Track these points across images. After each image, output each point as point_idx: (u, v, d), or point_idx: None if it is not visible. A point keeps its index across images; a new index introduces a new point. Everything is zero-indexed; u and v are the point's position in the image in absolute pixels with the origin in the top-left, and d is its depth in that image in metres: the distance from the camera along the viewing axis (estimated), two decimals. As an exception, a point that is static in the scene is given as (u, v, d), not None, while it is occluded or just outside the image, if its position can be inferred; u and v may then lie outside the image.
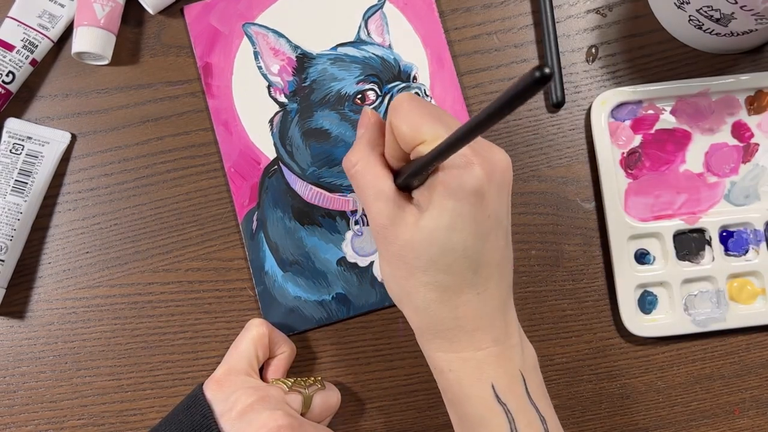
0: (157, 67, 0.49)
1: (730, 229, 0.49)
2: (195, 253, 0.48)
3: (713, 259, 0.49)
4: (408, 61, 0.49)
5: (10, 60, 0.47)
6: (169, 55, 0.49)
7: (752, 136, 0.49)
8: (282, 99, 0.49)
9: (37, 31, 0.48)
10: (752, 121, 0.49)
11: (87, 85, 0.49)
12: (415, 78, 0.49)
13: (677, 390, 0.49)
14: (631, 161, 0.49)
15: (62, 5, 0.49)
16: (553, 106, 0.49)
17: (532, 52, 0.50)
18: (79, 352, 0.48)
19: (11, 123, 0.48)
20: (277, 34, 0.49)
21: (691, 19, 0.47)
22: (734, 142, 0.49)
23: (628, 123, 0.49)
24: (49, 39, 0.48)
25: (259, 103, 0.49)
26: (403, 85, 0.49)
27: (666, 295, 0.49)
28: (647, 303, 0.48)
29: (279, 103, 0.49)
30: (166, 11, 0.50)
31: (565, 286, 0.49)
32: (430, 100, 0.48)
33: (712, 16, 0.45)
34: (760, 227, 0.49)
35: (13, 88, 0.48)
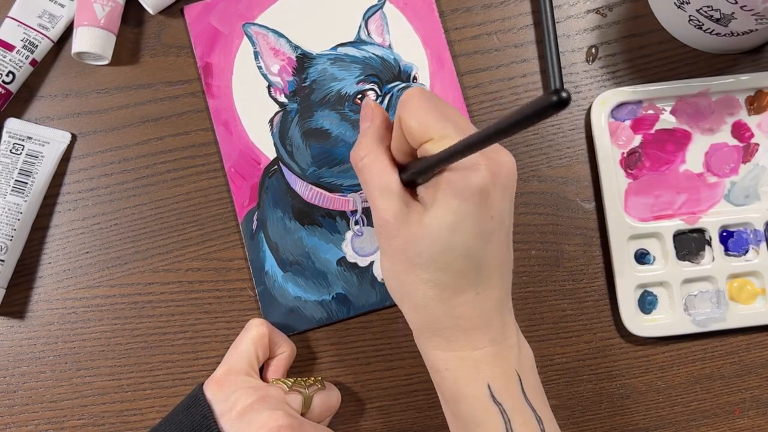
0: (157, 67, 0.49)
1: (730, 229, 0.49)
2: (195, 253, 0.48)
3: (713, 259, 0.49)
4: (408, 61, 0.49)
5: (10, 60, 0.47)
6: (169, 55, 0.49)
7: (752, 136, 0.49)
8: (282, 99, 0.49)
9: (37, 31, 0.48)
10: (752, 121, 0.49)
11: (87, 85, 0.49)
12: (415, 78, 0.49)
13: (677, 390, 0.49)
14: (631, 161, 0.49)
15: (62, 5, 0.49)
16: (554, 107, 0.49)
17: (532, 52, 0.50)
18: (79, 352, 0.48)
19: (11, 123, 0.48)
20: (277, 34, 0.49)
21: (691, 19, 0.47)
22: (734, 142, 0.49)
23: (628, 123, 0.49)
24: (49, 39, 0.48)
25: (259, 103, 0.49)
26: (403, 85, 0.49)
27: (666, 295, 0.49)
28: (647, 303, 0.48)
29: (279, 103, 0.49)
30: (166, 11, 0.50)
31: (565, 286, 0.49)
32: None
33: (712, 16, 0.45)
34: (760, 227, 0.49)
35: (13, 88, 0.48)
